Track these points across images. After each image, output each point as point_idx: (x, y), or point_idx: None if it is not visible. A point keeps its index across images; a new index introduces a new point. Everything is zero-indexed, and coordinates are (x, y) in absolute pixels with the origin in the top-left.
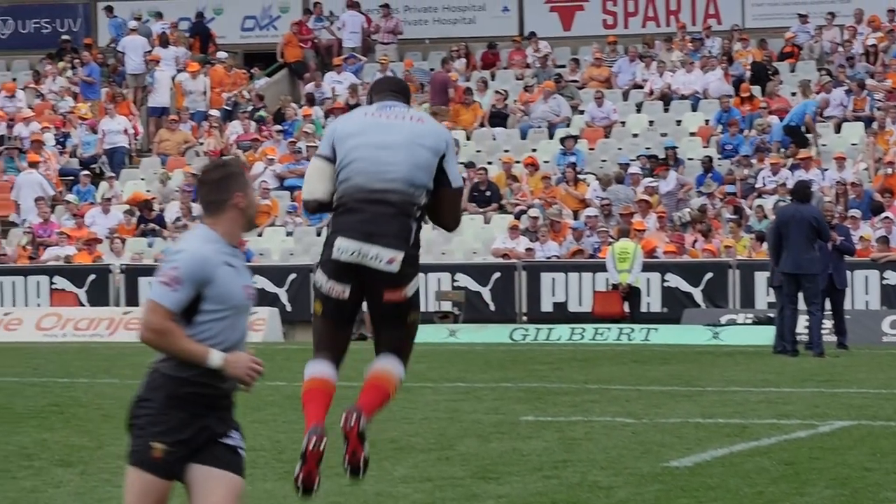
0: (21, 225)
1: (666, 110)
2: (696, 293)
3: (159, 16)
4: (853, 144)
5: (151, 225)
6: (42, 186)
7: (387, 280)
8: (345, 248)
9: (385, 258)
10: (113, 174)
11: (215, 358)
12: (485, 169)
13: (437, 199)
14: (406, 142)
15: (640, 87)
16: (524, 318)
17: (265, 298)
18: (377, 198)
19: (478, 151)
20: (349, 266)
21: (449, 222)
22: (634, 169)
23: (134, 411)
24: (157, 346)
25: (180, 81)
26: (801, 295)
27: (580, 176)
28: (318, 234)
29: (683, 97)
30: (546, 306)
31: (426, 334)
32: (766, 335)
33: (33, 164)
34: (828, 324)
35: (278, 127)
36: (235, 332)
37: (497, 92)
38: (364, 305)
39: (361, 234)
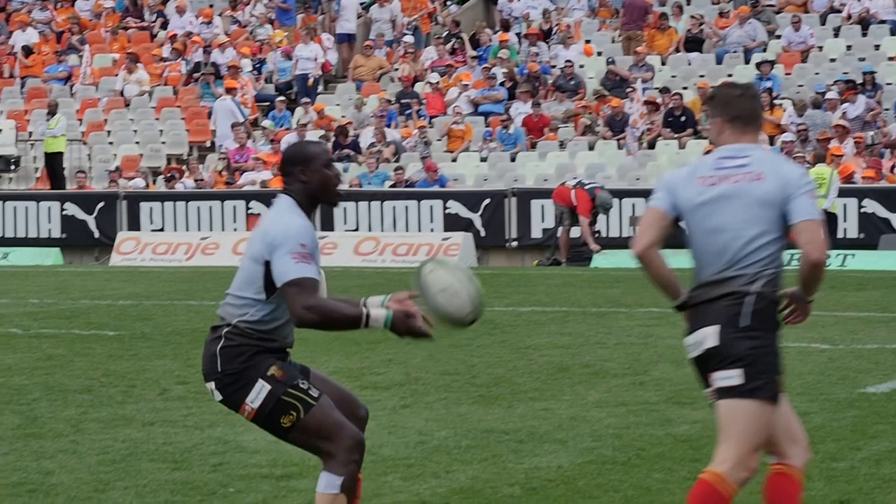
0: (217, 150)
1: (864, 35)
2: (894, 219)
3: None
4: None
5: (346, 150)
6: (234, 112)
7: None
8: None
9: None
10: (308, 99)
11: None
12: (680, 94)
13: None
14: None
15: (838, 11)
16: None
17: (459, 224)
18: None
19: (673, 77)
20: None
21: None
22: (831, 94)
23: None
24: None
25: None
26: None
27: (776, 101)
28: (513, 160)
29: (882, 21)
30: None
31: (619, 259)
32: None
33: (229, 91)
34: None
35: (473, 52)
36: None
37: (692, 17)
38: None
39: None
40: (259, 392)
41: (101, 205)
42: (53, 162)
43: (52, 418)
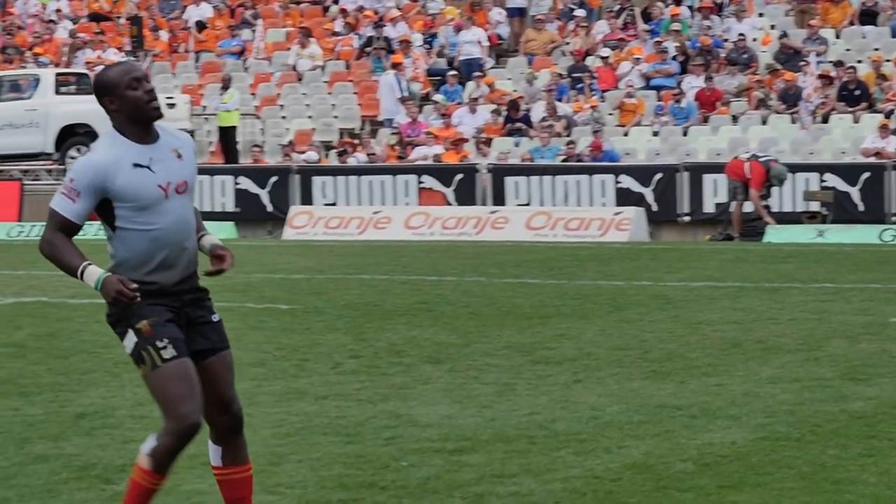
0: (389, 125)
1: None
2: None
3: None
4: None
5: (518, 124)
6: (394, 87)
7: None
8: None
9: None
10: (479, 73)
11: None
12: (854, 68)
13: None
14: None
15: None
16: (894, 218)
17: (630, 198)
18: None
19: (847, 50)
20: None
21: None
22: None
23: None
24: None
25: None
26: None
27: None
28: (685, 134)
29: None
30: None
31: (792, 234)
32: None
33: (395, 66)
34: None
35: (645, 26)
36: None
37: None
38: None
39: None
40: (129, 341)
41: (274, 179)
42: (227, 136)
43: None
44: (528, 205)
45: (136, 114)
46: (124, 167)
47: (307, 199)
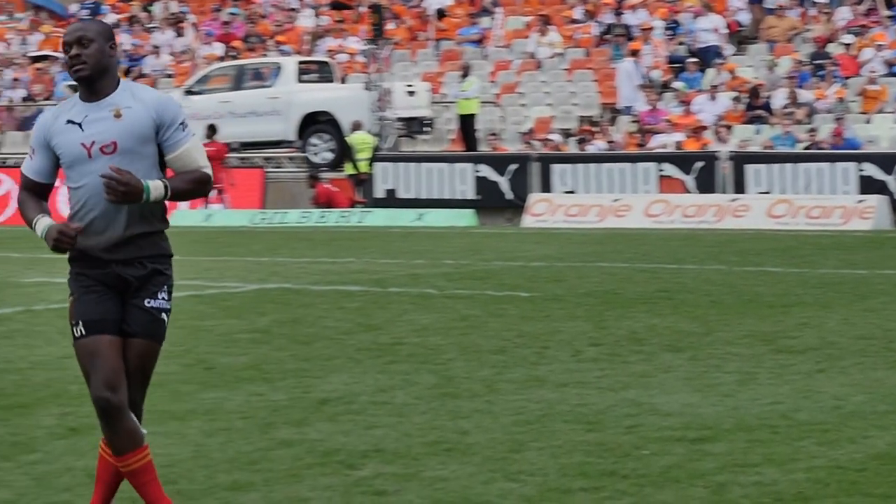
0: (628, 112)
1: None
2: None
3: None
4: None
5: (759, 111)
6: (631, 75)
7: None
8: None
9: None
10: (720, 60)
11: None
12: None
13: None
14: None
15: None
16: None
17: (873, 186)
18: None
19: None
20: None
21: None
22: None
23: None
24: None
25: None
26: None
27: None
28: None
29: None
30: None
31: None
32: None
33: (634, 52)
34: None
35: (888, 12)
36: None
37: None
38: None
39: None
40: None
41: (513, 166)
42: (466, 124)
43: (468, 378)
44: (768, 193)
45: (73, 75)
46: (60, 124)
47: (546, 187)
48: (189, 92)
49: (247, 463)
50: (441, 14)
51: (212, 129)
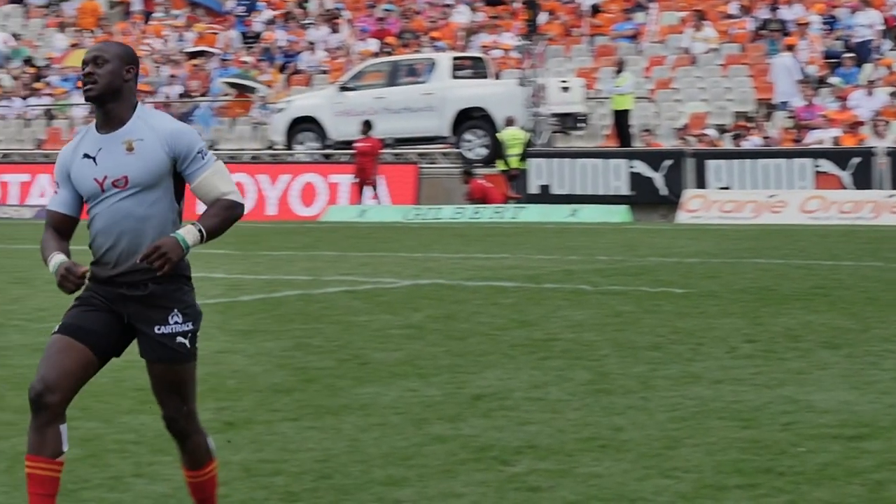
0: (784, 107)
1: None
2: None
3: None
4: None
5: None
6: (789, 70)
7: None
8: None
9: None
10: (878, 55)
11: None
12: None
13: None
14: None
15: None
16: None
17: None
18: None
19: None
20: None
21: None
22: None
23: None
24: None
25: None
26: None
27: None
28: None
29: None
30: None
31: None
32: None
33: (790, 47)
34: None
35: None
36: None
37: None
38: None
39: None
40: None
41: (668, 162)
42: (621, 119)
43: (622, 374)
44: None
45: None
46: (77, 157)
47: (701, 183)
48: (344, 88)
49: (401, 458)
50: (595, 9)
51: (367, 125)
